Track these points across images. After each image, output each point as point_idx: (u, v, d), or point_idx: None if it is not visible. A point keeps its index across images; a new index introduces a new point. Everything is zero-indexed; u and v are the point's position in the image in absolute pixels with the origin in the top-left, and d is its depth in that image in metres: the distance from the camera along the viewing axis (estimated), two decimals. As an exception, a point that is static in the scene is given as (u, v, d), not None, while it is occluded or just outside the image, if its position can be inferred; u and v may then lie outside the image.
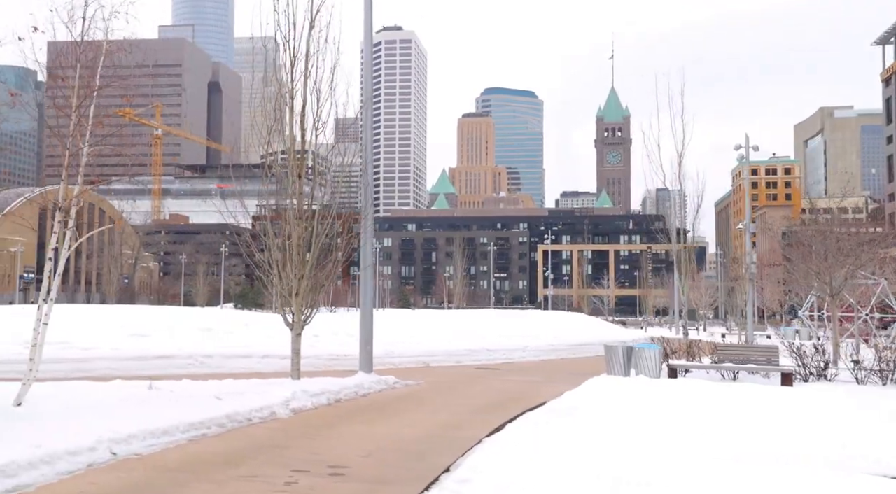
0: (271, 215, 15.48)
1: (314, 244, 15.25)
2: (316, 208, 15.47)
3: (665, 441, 9.62)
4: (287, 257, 15.30)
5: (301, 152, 15.57)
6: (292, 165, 15.53)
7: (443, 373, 20.47)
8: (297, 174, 15.51)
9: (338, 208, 16.65)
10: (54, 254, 11.16)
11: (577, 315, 42.41)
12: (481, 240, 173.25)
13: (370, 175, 16.60)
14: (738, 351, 18.16)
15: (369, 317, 17.18)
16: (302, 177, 15.56)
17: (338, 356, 21.22)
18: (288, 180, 15.43)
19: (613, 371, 18.59)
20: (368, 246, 16.92)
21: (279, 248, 15.46)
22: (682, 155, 24.15)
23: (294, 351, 15.62)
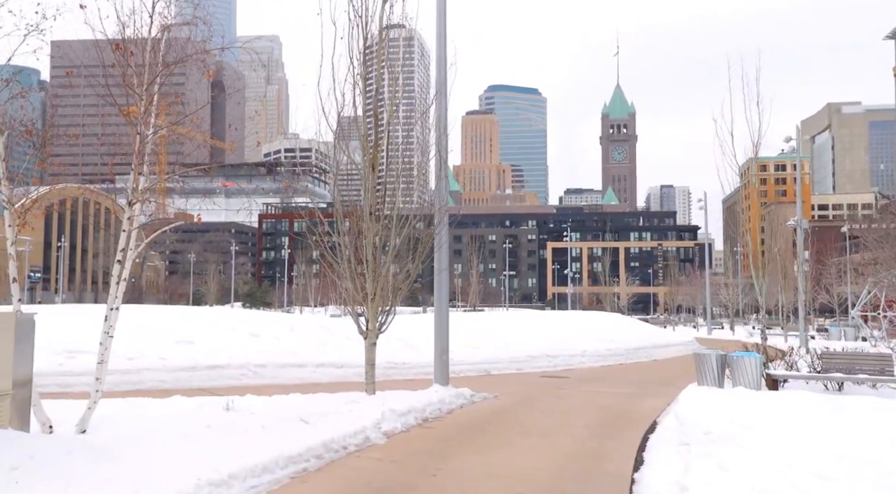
0: (343, 211, 13.86)
1: (392, 242, 13.66)
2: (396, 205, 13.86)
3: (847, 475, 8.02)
4: (362, 257, 13.71)
5: (375, 142, 13.96)
6: (366, 158, 13.92)
7: (512, 384, 18.87)
8: (371, 166, 13.90)
9: (407, 206, 15.06)
10: (122, 256, 9.56)
11: (613, 315, 40.78)
12: (490, 237, 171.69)
13: (445, 167, 14.98)
14: (844, 359, 16.55)
15: (445, 324, 15.59)
16: (376, 169, 13.95)
17: (395, 363, 19.63)
18: (364, 174, 13.79)
19: (705, 381, 16.97)
20: (445, 247, 15.31)
21: (347, 247, 13.88)
22: (759, 145, 22.49)
23: (369, 363, 14.02)
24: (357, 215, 13.96)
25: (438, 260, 15.38)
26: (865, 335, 41.67)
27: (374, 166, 13.96)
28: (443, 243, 15.04)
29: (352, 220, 14.04)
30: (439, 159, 14.47)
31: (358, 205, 14.19)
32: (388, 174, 14.29)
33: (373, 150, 13.96)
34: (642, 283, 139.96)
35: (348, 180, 17.29)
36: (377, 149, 13.94)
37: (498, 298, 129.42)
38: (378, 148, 13.93)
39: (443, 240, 14.99)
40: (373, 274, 13.68)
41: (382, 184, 14.17)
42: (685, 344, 33.20)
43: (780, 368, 17.65)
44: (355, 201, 14.49)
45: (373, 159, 13.92)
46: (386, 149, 14.08)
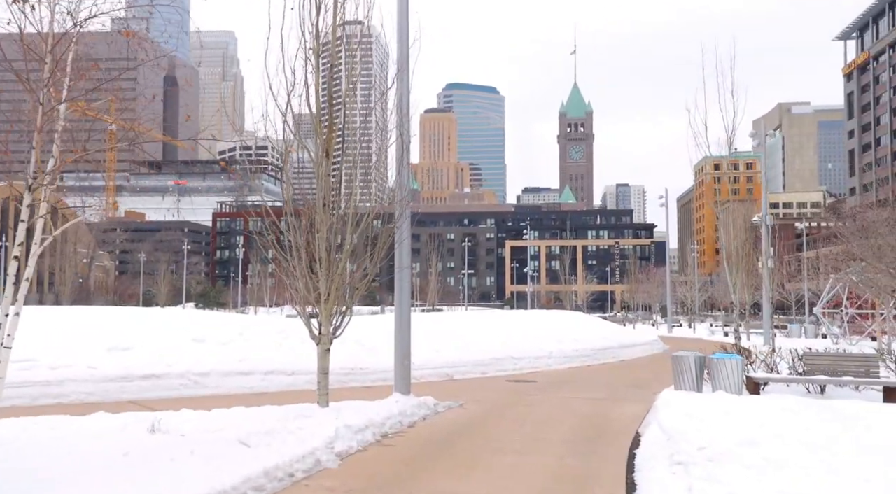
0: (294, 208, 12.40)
1: (348, 237, 12.25)
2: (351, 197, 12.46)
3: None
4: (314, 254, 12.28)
5: (330, 125, 12.52)
6: (320, 144, 12.47)
7: (477, 389, 17.60)
8: (325, 152, 12.46)
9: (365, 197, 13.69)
10: (20, 252, 7.95)
11: (577, 314, 39.92)
12: (449, 236, 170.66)
13: (407, 154, 13.58)
14: (828, 361, 15.71)
15: (406, 327, 14.21)
16: (331, 155, 12.51)
17: (352, 369, 18.18)
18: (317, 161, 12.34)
19: (683, 385, 15.96)
20: (406, 243, 13.93)
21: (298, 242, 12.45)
22: (733, 135, 21.65)
23: (322, 371, 12.58)
24: (309, 207, 12.50)
25: (399, 257, 14.01)
26: (826, 332, 41.67)
27: (329, 152, 12.52)
28: (404, 238, 13.68)
29: (304, 212, 12.57)
30: (401, 145, 13.10)
31: (310, 196, 12.72)
32: (345, 161, 12.85)
33: (327, 134, 12.51)
34: (600, 281, 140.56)
35: (299, 173, 15.80)
36: (332, 133, 12.50)
37: (456, 297, 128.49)
38: (333, 131, 12.49)
39: (404, 235, 13.63)
40: (326, 272, 12.25)
41: (338, 172, 12.74)
42: (650, 343, 32.45)
43: (760, 370, 16.76)
44: (308, 193, 13.02)
45: (327, 144, 12.48)
46: (343, 133, 12.65)
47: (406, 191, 13.28)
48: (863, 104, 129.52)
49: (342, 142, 12.70)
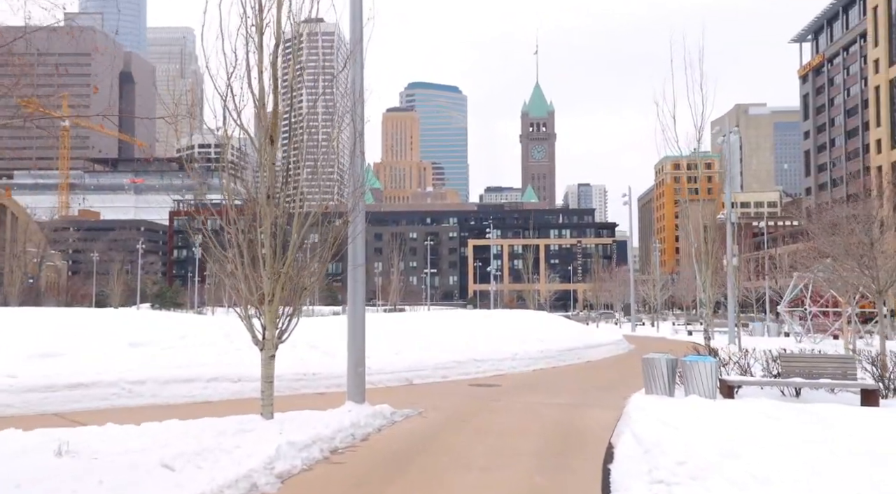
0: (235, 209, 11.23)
1: (295, 231, 11.11)
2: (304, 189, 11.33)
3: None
4: (257, 251, 11.12)
5: (275, 109, 11.36)
6: (267, 127, 11.31)
7: (438, 395, 16.57)
8: (270, 137, 11.30)
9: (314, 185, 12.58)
10: None
11: (540, 313, 39.17)
12: (411, 234, 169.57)
13: (361, 142, 12.47)
14: (804, 363, 15.05)
15: (360, 330, 13.09)
16: (276, 141, 11.36)
17: (304, 374, 17.00)
18: (261, 147, 11.19)
19: (654, 389, 15.16)
20: (361, 237, 12.82)
21: (244, 239, 11.29)
22: (702, 129, 20.99)
23: (266, 380, 11.41)
24: (252, 198, 11.33)
25: (353, 253, 12.89)
26: (789, 330, 41.63)
27: (274, 138, 11.35)
28: (358, 232, 12.57)
29: (246, 204, 11.40)
30: (354, 131, 11.98)
31: (253, 186, 11.55)
32: (292, 149, 11.70)
33: (272, 119, 11.34)
34: (562, 280, 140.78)
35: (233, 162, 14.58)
36: (277, 118, 11.33)
37: (419, 297, 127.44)
38: (278, 116, 11.32)
39: (358, 229, 12.52)
40: (271, 270, 11.09)
41: (286, 160, 11.59)
42: (615, 343, 31.82)
43: (733, 372, 16.05)
44: (251, 183, 11.83)
45: (272, 129, 11.31)
46: (290, 120, 11.48)
47: (360, 182, 12.18)
48: (818, 105, 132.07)
49: (289, 129, 11.54)
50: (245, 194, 11.53)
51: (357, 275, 12.92)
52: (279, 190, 11.39)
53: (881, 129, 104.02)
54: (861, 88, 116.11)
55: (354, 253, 12.82)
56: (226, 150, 11.52)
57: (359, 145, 12.03)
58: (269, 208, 11.14)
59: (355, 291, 13.02)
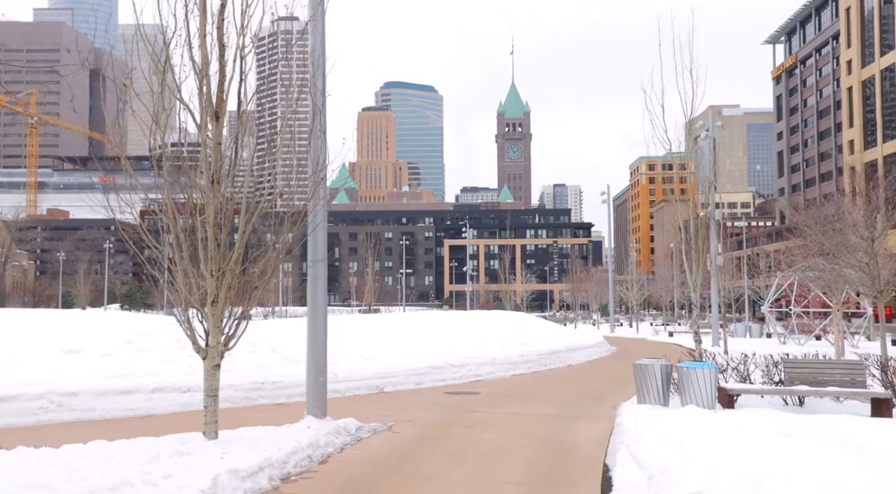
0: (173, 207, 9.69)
1: (242, 220, 9.58)
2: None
3: None
4: (198, 244, 9.57)
5: (220, 81, 9.80)
6: (206, 104, 9.75)
7: (411, 405, 15.09)
8: (215, 113, 9.74)
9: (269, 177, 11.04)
10: None
11: (519, 314, 37.81)
12: (386, 234, 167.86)
13: (322, 118, 10.93)
14: (810, 369, 13.82)
15: (322, 335, 11.55)
16: (221, 117, 9.80)
17: (263, 383, 15.40)
18: (202, 124, 9.63)
19: (647, 397, 13.83)
20: (322, 228, 11.27)
21: (183, 231, 9.75)
22: (692, 118, 19.76)
23: (209, 394, 9.83)
24: (193, 183, 9.77)
25: (314, 247, 11.35)
26: (771, 331, 40.77)
27: (219, 113, 9.79)
28: (319, 222, 11.03)
29: (187, 189, 9.84)
30: (314, 107, 10.45)
31: (195, 167, 9.97)
32: (242, 128, 10.14)
33: (217, 92, 9.78)
34: (539, 280, 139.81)
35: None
36: (223, 91, 9.77)
37: (395, 297, 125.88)
38: (224, 88, 9.76)
39: (319, 218, 10.99)
40: (215, 265, 9.54)
41: (234, 137, 10.03)
42: (597, 345, 30.57)
43: (731, 379, 14.78)
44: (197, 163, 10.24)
45: (217, 103, 9.74)
46: (239, 92, 9.92)
47: (321, 165, 10.65)
48: (791, 106, 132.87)
49: (238, 106, 9.99)
50: (187, 181, 9.95)
51: (317, 272, 11.38)
52: (226, 174, 9.85)
53: (854, 130, 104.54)
54: (833, 89, 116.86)
55: (315, 246, 11.28)
56: (164, 129, 9.93)
57: (319, 122, 10.49)
58: (212, 194, 9.59)
59: (316, 290, 11.47)
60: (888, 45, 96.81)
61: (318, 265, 11.35)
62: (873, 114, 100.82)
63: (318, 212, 10.95)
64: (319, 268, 11.38)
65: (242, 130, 9.82)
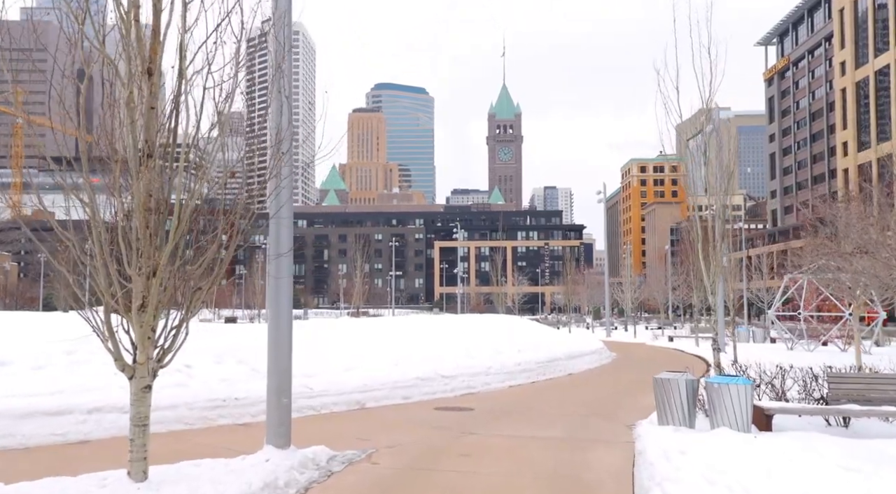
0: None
1: (177, 204, 7.55)
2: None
3: None
4: (122, 233, 7.55)
5: (155, 29, 7.77)
6: (134, 55, 7.72)
7: (396, 425, 13.06)
8: (147, 69, 7.71)
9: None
10: None
11: (515, 318, 35.85)
12: (376, 236, 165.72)
13: (288, 80, 8.92)
14: (859, 384, 11.92)
15: (286, 346, 9.49)
16: (155, 74, 7.77)
17: (223, 400, 13.33)
18: (128, 80, 7.63)
19: (670, 417, 11.89)
20: (285, 214, 9.21)
21: (100, 220, 7.77)
22: (710, 102, 17.88)
23: (137, 422, 7.78)
24: (118, 157, 7.72)
25: (276, 237, 9.30)
26: (777, 336, 39.01)
27: (153, 69, 7.75)
28: (283, 204, 8.98)
29: (114, 164, 7.80)
30: (275, 64, 8.40)
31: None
32: (182, 85, 8.09)
33: (152, 40, 7.74)
34: (531, 283, 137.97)
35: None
36: (158, 39, 7.73)
37: (384, 299, 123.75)
38: (159, 35, 7.72)
39: (283, 201, 8.95)
40: (146, 260, 7.51)
41: (174, 101, 7.99)
42: (597, 352, 28.64)
43: (766, 396, 12.84)
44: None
45: (151, 56, 7.70)
46: (181, 44, 7.87)
47: (286, 133, 8.60)
48: (783, 108, 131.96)
49: (179, 58, 7.94)
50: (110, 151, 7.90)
51: (281, 269, 9.33)
52: (165, 143, 7.83)
53: (847, 132, 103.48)
54: (826, 91, 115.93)
55: (278, 236, 9.24)
56: (85, 85, 7.91)
57: (280, 83, 8.46)
58: (142, 169, 7.56)
59: (278, 292, 9.43)
60: (883, 45, 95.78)
61: (282, 260, 9.30)
62: (867, 115, 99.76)
63: (282, 194, 8.92)
64: (283, 265, 9.34)
65: (182, 90, 7.78)
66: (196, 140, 8.14)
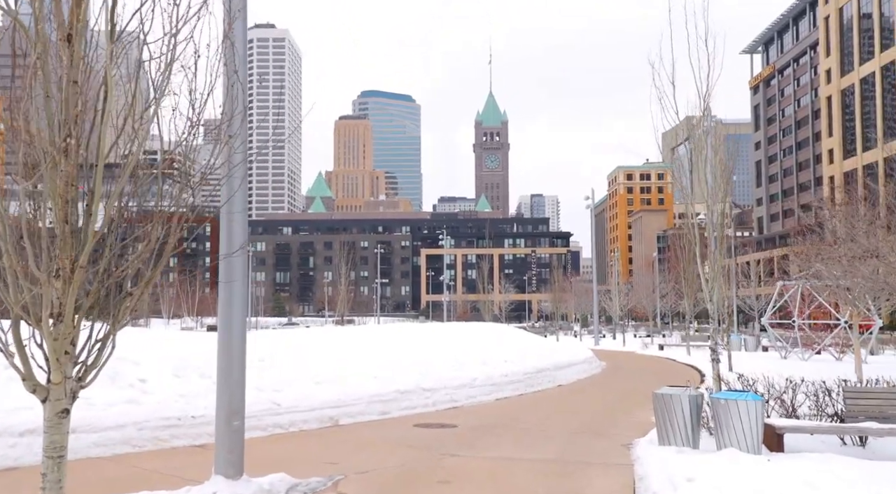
0: None
1: (97, 192, 6.35)
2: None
3: None
4: (35, 225, 6.35)
5: None
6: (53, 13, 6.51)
7: (370, 445, 11.86)
8: (66, 36, 6.51)
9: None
10: None
11: (502, 326, 34.72)
12: (362, 243, 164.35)
13: (241, 50, 7.76)
14: (878, 399, 10.86)
15: (238, 362, 8.26)
16: (77, 40, 6.57)
17: (177, 419, 12.07)
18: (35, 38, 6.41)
19: (672, 437, 10.78)
20: (238, 213, 8.02)
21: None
22: (708, 96, 16.89)
23: (51, 454, 6.53)
24: (29, 137, 6.51)
25: (228, 232, 8.09)
26: (769, 344, 38.13)
27: (73, 35, 6.55)
28: (235, 190, 7.77)
29: (28, 148, 6.58)
30: (227, 20, 7.13)
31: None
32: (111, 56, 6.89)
33: (72, 2, 6.55)
34: (517, 290, 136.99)
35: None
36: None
37: (370, 307, 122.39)
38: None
39: (235, 188, 7.74)
40: (62, 260, 6.29)
41: (104, 72, 6.79)
42: (586, 361, 27.54)
43: (774, 413, 11.77)
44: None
45: (70, 21, 6.51)
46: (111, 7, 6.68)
47: (240, 109, 7.39)
48: (769, 116, 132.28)
49: (110, 23, 6.75)
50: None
51: (233, 271, 8.10)
52: (81, 123, 6.62)
53: (833, 139, 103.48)
54: (811, 99, 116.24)
55: (229, 232, 8.03)
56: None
57: (229, 54, 7.26)
58: (57, 154, 6.36)
59: (230, 298, 8.21)
60: (868, 53, 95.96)
61: (234, 261, 8.10)
62: (853, 123, 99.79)
63: (234, 182, 7.72)
64: (236, 266, 8.14)
65: (112, 58, 6.59)
66: (128, 120, 6.94)
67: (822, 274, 24.12)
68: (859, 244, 16.27)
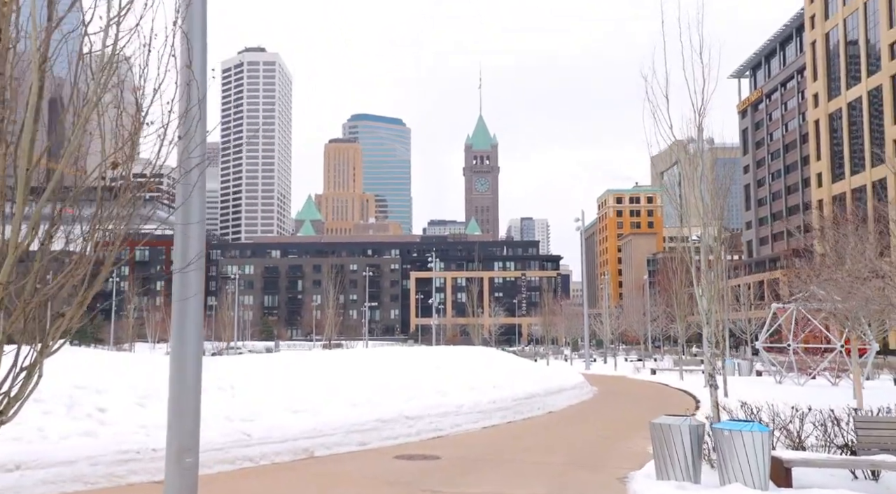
0: None
1: (19, 193, 5.55)
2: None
3: None
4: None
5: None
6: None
7: (346, 481, 10.95)
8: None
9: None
10: None
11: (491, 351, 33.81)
12: (351, 267, 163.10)
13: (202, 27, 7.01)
14: (890, 429, 10.12)
15: (192, 390, 7.39)
16: (6, 32, 5.80)
17: (136, 452, 11.13)
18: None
19: (671, 471, 9.96)
20: (194, 223, 7.19)
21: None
22: (703, 111, 16.26)
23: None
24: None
25: (182, 243, 7.27)
26: (763, 369, 37.40)
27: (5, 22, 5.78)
28: (190, 192, 6.94)
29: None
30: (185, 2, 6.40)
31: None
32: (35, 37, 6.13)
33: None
34: (507, 314, 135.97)
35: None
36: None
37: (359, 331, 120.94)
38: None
39: (191, 194, 6.93)
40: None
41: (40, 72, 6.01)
42: (577, 387, 26.68)
43: (780, 444, 10.96)
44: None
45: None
46: None
47: (201, 96, 6.61)
48: (757, 140, 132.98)
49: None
50: None
51: (187, 287, 7.27)
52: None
53: (821, 163, 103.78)
54: (799, 123, 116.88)
55: (184, 241, 7.21)
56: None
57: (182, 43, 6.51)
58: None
59: (184, 317, 7.37)
60: (854, 77, 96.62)
61: (189, 276, 7.28)
62: (840, 147, 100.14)
63: (192, 185, 6.93)
64: (190, 281, 7.31)
65: (45, 46, 5.82)
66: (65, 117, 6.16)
67: (819, 296, 23.50)
68: (864, 264, 15.60)
